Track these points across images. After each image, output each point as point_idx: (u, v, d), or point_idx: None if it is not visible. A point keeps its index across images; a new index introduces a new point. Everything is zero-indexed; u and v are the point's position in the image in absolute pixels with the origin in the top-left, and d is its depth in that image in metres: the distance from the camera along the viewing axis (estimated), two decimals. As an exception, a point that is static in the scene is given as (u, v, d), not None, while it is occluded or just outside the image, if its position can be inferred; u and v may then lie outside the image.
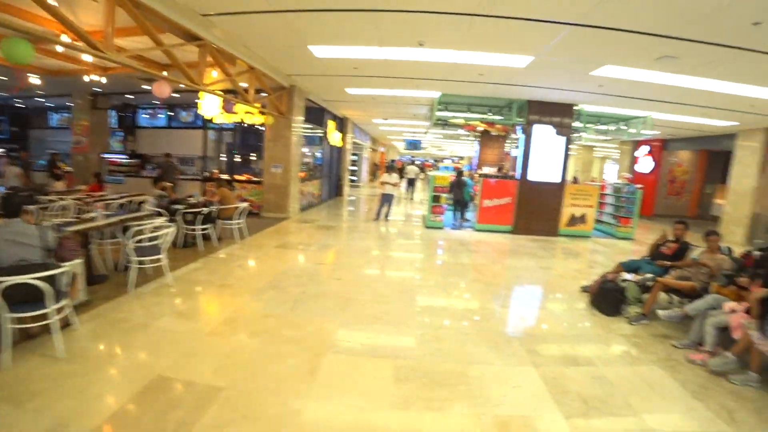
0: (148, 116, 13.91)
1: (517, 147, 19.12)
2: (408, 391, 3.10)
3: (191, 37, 5.96)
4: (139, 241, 5.01)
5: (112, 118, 14.25)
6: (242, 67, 7.84)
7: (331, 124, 14.82)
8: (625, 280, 5.54)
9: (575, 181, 14.54)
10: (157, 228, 5.44)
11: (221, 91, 8.52)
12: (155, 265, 5.14)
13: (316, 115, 13.59)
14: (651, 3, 4.47)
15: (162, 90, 5.51)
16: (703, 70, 6.81)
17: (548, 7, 4.78)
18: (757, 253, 4.74)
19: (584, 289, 6.02)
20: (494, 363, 3.66)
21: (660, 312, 4.64)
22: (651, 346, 4.26)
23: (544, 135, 10.40)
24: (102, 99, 13.31)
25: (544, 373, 3.50)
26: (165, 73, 6.70)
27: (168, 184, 8.24)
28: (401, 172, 23.82)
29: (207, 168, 12.65)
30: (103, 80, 8.91)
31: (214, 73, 7.84)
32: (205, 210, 6.93)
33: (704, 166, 18.01)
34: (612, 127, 13.00)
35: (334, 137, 15.30)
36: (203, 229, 6.95)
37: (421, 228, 10.55)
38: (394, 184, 11.02)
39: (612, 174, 31.04)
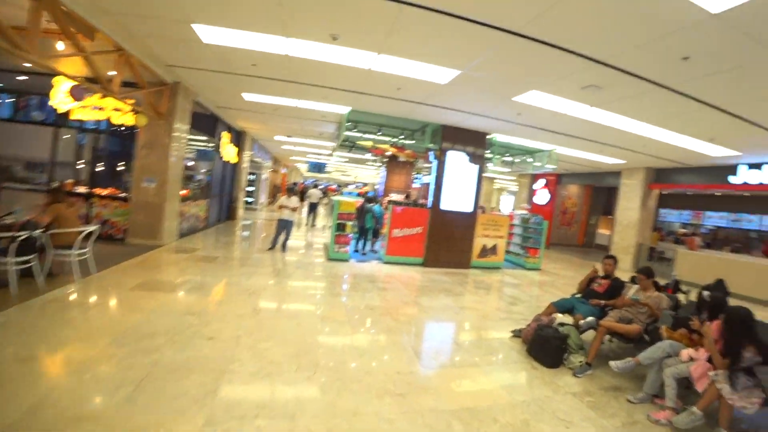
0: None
1: (424, 174, 18.97)
2: None
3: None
4: None
5: None
6: (106, 44, 6.02)
7: (225, 137, 13.00)
8: (563, 324, 4.93)
9: (482, 211, 14.51)
10: None
11: (84, 78, 6.47)
12: None
13: (207, 123, 11.74)
14: (591, 23, 4.09)
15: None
16: (620, 106, 6.76)
17: (489, 7, 4.04)
18: (706, 293, 4.38)
19: (515, 334, 5.34)
20: (435, 478, 2.54)
21: (612, 363, 4.10)
22: (608, 406, 3.75)
23: (457, 163, 9.92)
24: None
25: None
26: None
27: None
28: (302, 195, 22.33)
29: (57, 176, 10.05)
30: None
31: (61, 45, 5.91)
32: (23, 234, 4.94)
33: (589, 199, 19.51)
34: (518, 160, 13.17)
35: (229, 152, 13.47)
36: (22, 263, 4.96)
37: (323, 260, 9.25)
38: (294, 209, 9.58)
39: (508, 205, 32.87)
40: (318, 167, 24.27)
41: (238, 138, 14.98)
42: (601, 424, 3.42)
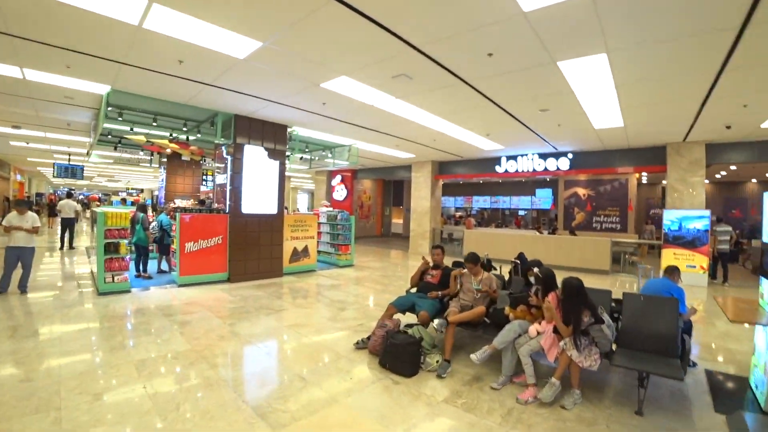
0: None
1: (218, 173, 16.68)
2: None
3: None
4: None
5: None
6: None
7: None
8: (410, 325, 4.56)
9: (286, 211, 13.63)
10: None
11: None
12: None
13: None
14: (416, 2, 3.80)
15: None
16: (422, 98, 6.90)
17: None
18: (536, 269, 4.54)
19: (359, 346, 4.73)
20: None
21: (472, 357, 3.98)
22: (480, 402, 3.54)
23: (256, 159, 8.75)
24: None
25: None
26: None
27: None
28: (52, 209, 17.04)
29: None
30: None
31: None
32: None
33: (382, 192, 20.77)
34: (316, 156, 12.73)
35: None
36: None
37: (92, 296, 6.73)
38: (32, 230, 6.70)
39: (304, 204, 32.71)
40: (71, 172, 18.70)
41: None
42: (485, 425, 3.17)
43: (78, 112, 8.59)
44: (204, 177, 15.60)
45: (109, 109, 7.48)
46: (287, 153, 10.81)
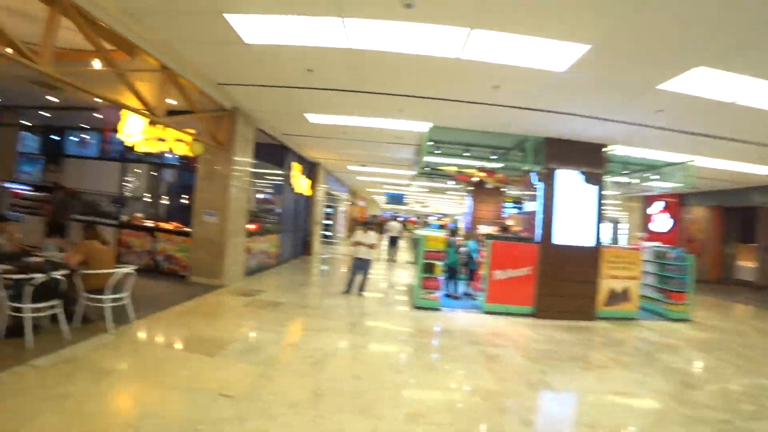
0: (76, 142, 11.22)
1: (527, 201, 16.57)
2: None
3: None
4: None
5: (29, 140, 11.67)
6: (147, 62, 5.23)
7: (295, 168, 12.13)
8: None
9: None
10: None
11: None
12: None
13: (274, 154, 10.99)
14: None
15: None
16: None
17: None
18: None
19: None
20: None
21: None
22: None
23: (569, 184, 7.88)
24: (8, 113, 10.58)
25: None
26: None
27: (10, 226, 5.46)
28: (381, 228, 20.98)
29: (125, 210, 10.13)
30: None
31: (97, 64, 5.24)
32: (39, 276, 3.95)
33: (720, 223, 15.80)
34: (636, 179, 10.70)
35: (300, 183, 12.56)
36: (44, 309, 4.08)
37: (407, 307, 7.49)
38: (371, 246, 8.07)
39: (608, 234, 29.06)
40: (396, 199, 23.04)
41: (311, 170, 14.16)
42: None
43: (404, 149, 10.28)
44: (505, 204, 15.73)
45: (429, 143, 8.26)
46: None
